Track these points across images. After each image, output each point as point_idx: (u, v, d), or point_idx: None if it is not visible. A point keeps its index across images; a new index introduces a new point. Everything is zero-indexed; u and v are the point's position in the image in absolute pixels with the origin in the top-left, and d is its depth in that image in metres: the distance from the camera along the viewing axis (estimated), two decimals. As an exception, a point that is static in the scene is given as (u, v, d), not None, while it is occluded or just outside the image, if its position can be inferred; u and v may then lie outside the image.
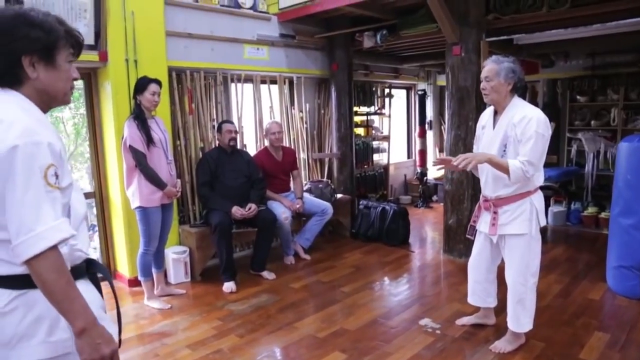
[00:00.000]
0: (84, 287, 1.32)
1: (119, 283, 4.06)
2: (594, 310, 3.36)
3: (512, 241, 2.68)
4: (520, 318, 2.73)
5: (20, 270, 1.18)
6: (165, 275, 3.94)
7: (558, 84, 6.31)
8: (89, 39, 3.55)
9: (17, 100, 1.21)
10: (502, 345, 2.79)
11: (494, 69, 2.60)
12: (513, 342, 2.79)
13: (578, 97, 6.11)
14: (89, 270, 1.38)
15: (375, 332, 3.10)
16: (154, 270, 3.65)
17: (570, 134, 6.19)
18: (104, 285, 1.43)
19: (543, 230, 2.46)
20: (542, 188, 2.76)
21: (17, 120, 1.14)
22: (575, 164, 6.13)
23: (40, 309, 1.22)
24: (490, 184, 2.72)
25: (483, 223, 2.81)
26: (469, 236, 2.99)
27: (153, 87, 3.37)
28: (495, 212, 2.69)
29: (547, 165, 6.84)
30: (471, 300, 3.07)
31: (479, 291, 3.00)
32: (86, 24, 3.51)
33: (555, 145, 6.23)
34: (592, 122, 6.04)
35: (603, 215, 5.42)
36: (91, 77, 3.91)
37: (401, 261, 4.63)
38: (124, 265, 4.00)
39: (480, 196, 2.87)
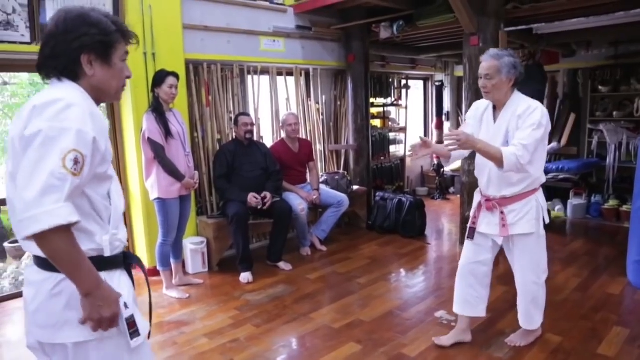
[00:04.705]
0: (122, 278, 1.39)
1: (138, 273, 4.13)
2: (613, 305, 3.31)
3: (522, 241, 2.57)
4: (534, 316, 2.71)
5: None
6: (184, 266, 4.01)
7: (579, 73, 6.17)
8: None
9: (78, 89, 1.29)
10: (517, 338, 2.77)
11: (494, 65, 2.41)
12: (529, 335, 2.77)
13: (600, 87, 5.97)
14: (124, 261, 1.44)
15: (390, 323, 3.12)
16: (172, 261, 3.72)
17: (592, 125, 6.06)
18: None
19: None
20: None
21: (75, 103, 1.21)
22: (596, 156, 6.01)
23: None
24: (494, 184, 2.56)
25: (484, 225, 2.62)
26: (469, 239, 2.69)
27: (171, 80, 3.42)
28: (502, 213, 2.55)
29: (567, 156, 6.66)
30: (459, 309, 2.77)
31: (472, 298, 2.72)
32: (105, 18, 3.56)
33: (576, 137, 6.13)
34: (614, 113, 5.90)
35: (624, 208, 5.32)
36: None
37: (417, 253, 4.62)
38: (143, 256, 4.07)
39: (477, 195, 2.70)
